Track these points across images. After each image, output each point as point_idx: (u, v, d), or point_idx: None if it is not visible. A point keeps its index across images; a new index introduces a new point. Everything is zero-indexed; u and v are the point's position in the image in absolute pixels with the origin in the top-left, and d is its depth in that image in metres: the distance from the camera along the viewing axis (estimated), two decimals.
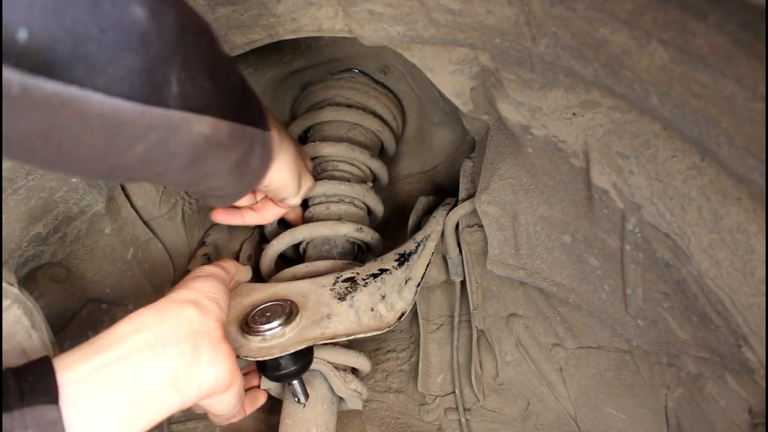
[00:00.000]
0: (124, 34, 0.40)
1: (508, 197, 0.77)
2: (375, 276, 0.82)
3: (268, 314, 0.74)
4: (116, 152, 0.46)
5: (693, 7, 0.40)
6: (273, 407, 1.02)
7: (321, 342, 0.74)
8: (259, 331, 0.72)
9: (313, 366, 0.81)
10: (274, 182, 0.72)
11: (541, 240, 0.78)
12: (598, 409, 0.91)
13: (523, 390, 0.99)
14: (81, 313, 0.93)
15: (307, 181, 0.83)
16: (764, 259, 0.50)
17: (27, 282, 0.83)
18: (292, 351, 0.72)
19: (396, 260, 0.85)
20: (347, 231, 0.94)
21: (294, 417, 0.84)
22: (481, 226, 0.83)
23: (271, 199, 0.82)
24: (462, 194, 0.90)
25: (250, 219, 0.84)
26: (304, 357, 0.76)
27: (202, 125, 0.50)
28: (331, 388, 0.86)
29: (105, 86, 0.40)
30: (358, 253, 1.03)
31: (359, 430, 1.04)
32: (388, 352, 1.14)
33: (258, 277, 1.02)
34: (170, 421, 1.05)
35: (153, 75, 0.43)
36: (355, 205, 1.01)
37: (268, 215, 0.85)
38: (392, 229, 1.20)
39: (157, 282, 0.98)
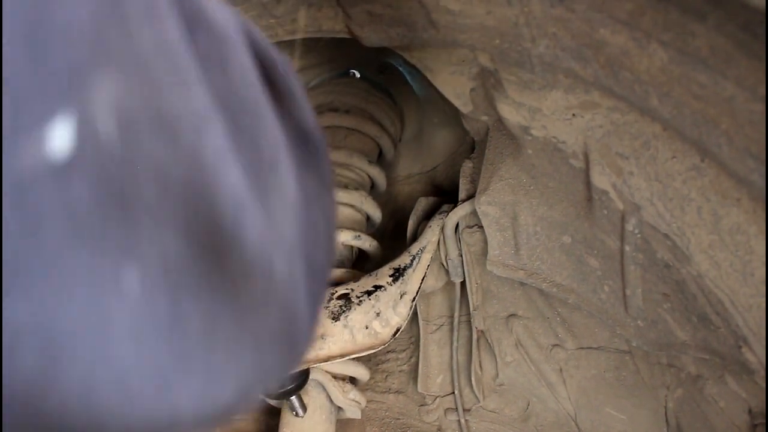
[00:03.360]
0: None
1: (507, 198, 0.77)
2: (369, 293, 0.82)
3: None
4: None
5: (693, 9, 0.40)
6: (272, 408, 1.02)
7: (315, 365, 0.74)
8: None
9: (311, 376, 0.81)
10: None
11: (540, 241, 0.78)
12: (598, 410, 0.91)
13: (522, 390, 0.99)
14: None
15: None
16: (764, 259, 0.50)
17: None
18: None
19: (390, 275, 0.85)
20: (345, 238, 0.94)
21: (292, 427, 0.84)
22: (481, 226, 0.83)
23: None
24: (462, 195, 0.90)
25: None
26: (300, 375, 0.76)
27: None
28: (330, 398, 0.86)
29: None
30: (357, 260, 1.03)
31: (359, 430, 1.04)
32: (388, 352, 1.14)
33: None
34: None
35: None
36: (353, 211, 1.01)
37: None
38: (392, 229, 1.20)
39: None
